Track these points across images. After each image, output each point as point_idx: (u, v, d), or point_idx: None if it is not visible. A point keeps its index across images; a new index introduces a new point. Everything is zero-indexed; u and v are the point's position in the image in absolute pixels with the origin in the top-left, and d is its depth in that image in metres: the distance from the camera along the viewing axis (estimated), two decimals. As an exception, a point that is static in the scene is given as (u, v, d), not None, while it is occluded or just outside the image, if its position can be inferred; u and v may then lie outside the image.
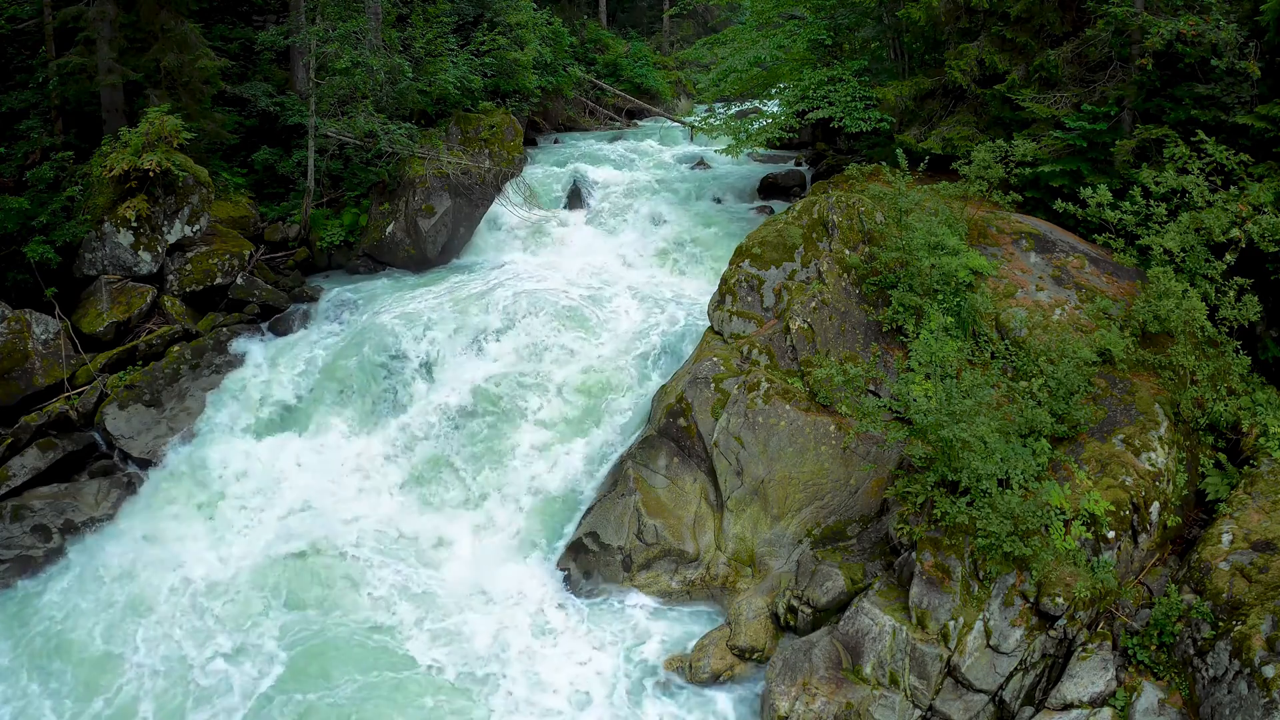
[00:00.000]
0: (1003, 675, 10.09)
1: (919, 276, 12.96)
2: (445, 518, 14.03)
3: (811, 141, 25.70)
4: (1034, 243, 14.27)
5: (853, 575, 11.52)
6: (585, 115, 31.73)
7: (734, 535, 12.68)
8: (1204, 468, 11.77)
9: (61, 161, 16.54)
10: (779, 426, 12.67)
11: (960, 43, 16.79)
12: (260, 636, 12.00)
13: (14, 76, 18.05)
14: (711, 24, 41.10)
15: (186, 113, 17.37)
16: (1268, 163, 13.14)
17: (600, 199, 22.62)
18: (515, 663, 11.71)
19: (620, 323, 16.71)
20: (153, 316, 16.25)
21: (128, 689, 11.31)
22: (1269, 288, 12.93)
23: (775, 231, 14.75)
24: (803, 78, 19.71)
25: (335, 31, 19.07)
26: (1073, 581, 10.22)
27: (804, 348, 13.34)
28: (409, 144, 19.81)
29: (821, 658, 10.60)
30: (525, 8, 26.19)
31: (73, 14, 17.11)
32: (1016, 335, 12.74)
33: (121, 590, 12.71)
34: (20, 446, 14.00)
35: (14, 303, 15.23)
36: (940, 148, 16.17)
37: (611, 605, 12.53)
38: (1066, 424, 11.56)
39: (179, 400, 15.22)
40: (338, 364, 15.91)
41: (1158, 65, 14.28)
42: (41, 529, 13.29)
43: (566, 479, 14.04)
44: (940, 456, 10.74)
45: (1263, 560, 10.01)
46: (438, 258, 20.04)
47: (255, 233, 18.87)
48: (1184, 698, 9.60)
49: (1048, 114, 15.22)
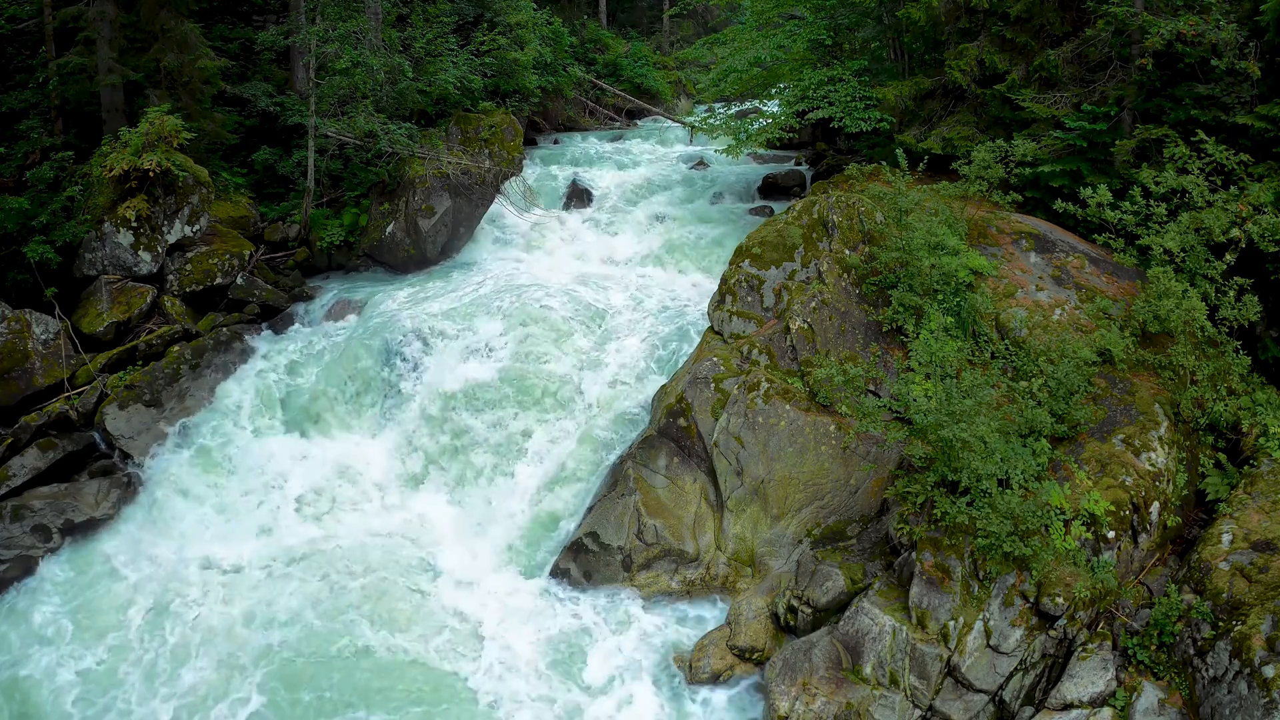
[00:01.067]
0: (1003, 675, 10.09)
1: (919, 276, 12.96)
2: (444, 518, 14.03)
3: (811, 141, 25.69)
4: (1034, 243, 14.27)
5: (853, 575, 11.52)
6: (585, 115, 31.73)
7: (734, 535, 12.69)
8: (1204, 468, 11.77)
9: (61, 161, 16.54)
10: (779, 426, 12.67)
11: (960, 43, 16.79)
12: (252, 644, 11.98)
13: (14, 76, 18.05)
14: (711, 24, 41.08)
15: (186, 113, 17.38)
16: (1268, 163, 13.14)
17: (600, 199, 22.64)
18: (514, 663, 11.71)
19: (620, 322, 16.72)
20: (153, 316, 16.25)
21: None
22: (1269, 288, 12.93)
23: (775, 231, 14.75)
24: (803, 78, 19.71)
25: (335, 31, 19.07)
26: (1073, 581, 10.22)
27: (804, 348, 13.34)
28: (409, 144, 19.81)
29: (821, 658, 10.60)
30: (525, 8, 26.19)
31: (73, 14, 17.11)
32: (1016, 335, 12.74)
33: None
34: (20, 446, 14.00)
35: (14, 303, 15.23)
36: (940, 148, 16.17)
37: (611, 605, 12.53)
38: (1066, 424, 11.56)
39: (179, 400, 15.23)
40: (337, 364, 15.91)
41: (1158, 65, 14.28)
42: (41, 529, 13.30)
43: (565, 478, 14.03)
44: (940, 456, 10.75)
45: (1263, 560, 10.01)
46: (438, 258, 20.05)
47: (255, 233, 18.87)
48: (1184, 698, 9.60)
49: (1048, 114, 15.22)
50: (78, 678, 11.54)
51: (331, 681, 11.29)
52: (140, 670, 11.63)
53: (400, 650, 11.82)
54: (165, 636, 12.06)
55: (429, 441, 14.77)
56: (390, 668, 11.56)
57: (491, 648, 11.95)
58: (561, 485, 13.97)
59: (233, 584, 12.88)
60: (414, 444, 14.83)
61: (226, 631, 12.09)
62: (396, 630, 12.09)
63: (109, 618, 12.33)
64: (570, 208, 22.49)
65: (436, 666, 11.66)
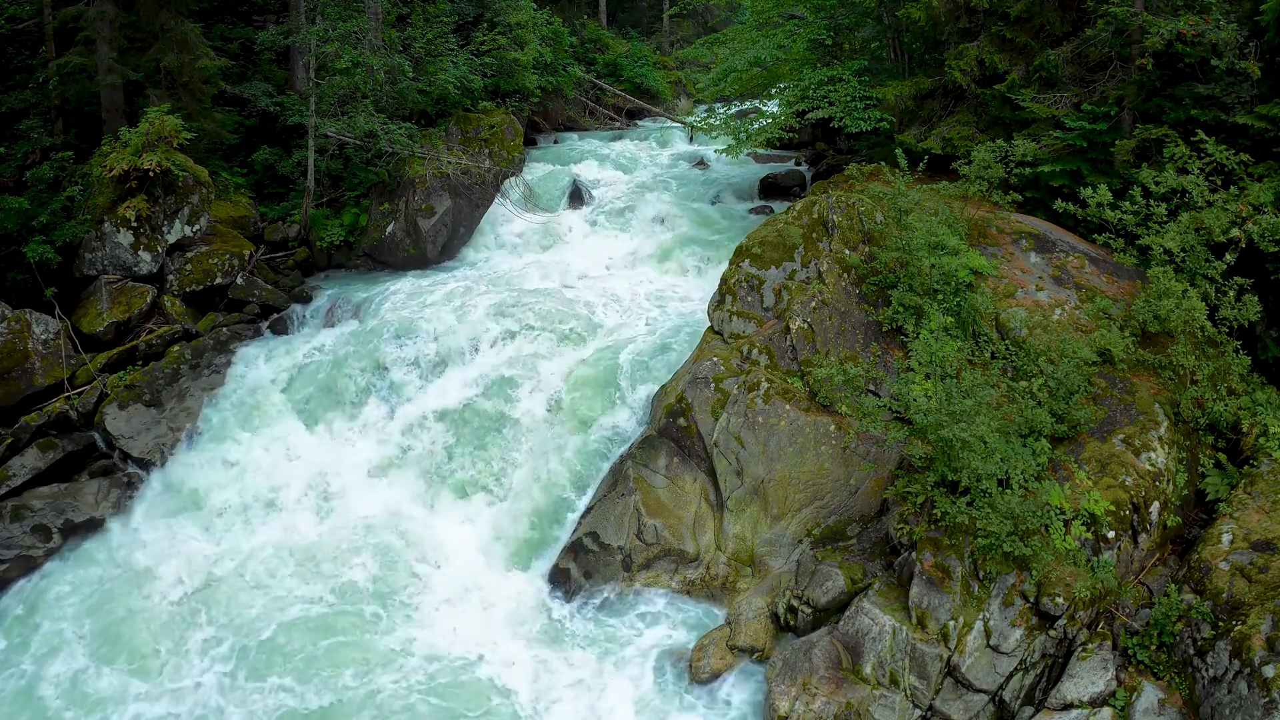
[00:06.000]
0: (1003, 675, 10.09)
1: (919, 276, 12.96)
2: (443, 517, 14.04)
3: (811, 141, 25.70)
4: (1034, 243, 14.27)
5: (853, 575, 11.52)
6: (585, 115, 31.73)
7: (734, 535, 12.69)
8: (1204, 468, 11.77)
9: (61, 161, 16.54)
10: (779, 426, 12.67)
11: (960, 43, 16.78)
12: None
13: (14, 76, 18.05)
14: (711, 24, 41.07)
15: (186, 113, 17.37)
16: (1268, 163, 13.13)
17: (600, 199, 22.63)
18: (513, 663, 11.72)
19: (620, 322, 16.71)
20: (153, 316, 16.25)
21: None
22: (1269, 288, 12.93)
23: (775, 231, 14.75)
24: (803, 78, 19.70)
25: (335, 31, 19.07)
26: (1073, 581, 10.22)
27: (804, 348, 13.34)
28: (409, 144, 19.82)
29: (821, 657, 10.60)
30: (525, 8, 26.18)
31: (73, 14, 17.10)
32: (1016, 335, 12.74)
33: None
34: (20, 446, 14.00)
35: (14, 303, 15.22)
36: (940, 148, 16.16)
37: (611, 605, 12.53)
38: (1066, 424, 11.55)
39: (179, 400, 15.23)
40: (336, 364, 15.91)
41: (1158, 65, 14.28)
42: (41, 529, 13.30)
43: (564, 479, 14.03)
44: (940, 456, 10.74)
45: (1263, 560, 10.01)
46: (438, 257, 20.05)
47: (255, 233, 18.87)
48: (1184, 698, 9.60)
49: (1048, 114, 15.21)
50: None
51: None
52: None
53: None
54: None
55: (427, 441, 14.76)
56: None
57: (491, 648, 11.97)
58: (558, 484, 13.95)
59: (233, 580, 12.91)
60: (414, 444, 14.81)
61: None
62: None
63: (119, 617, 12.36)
64: (570, 208, 22.49)
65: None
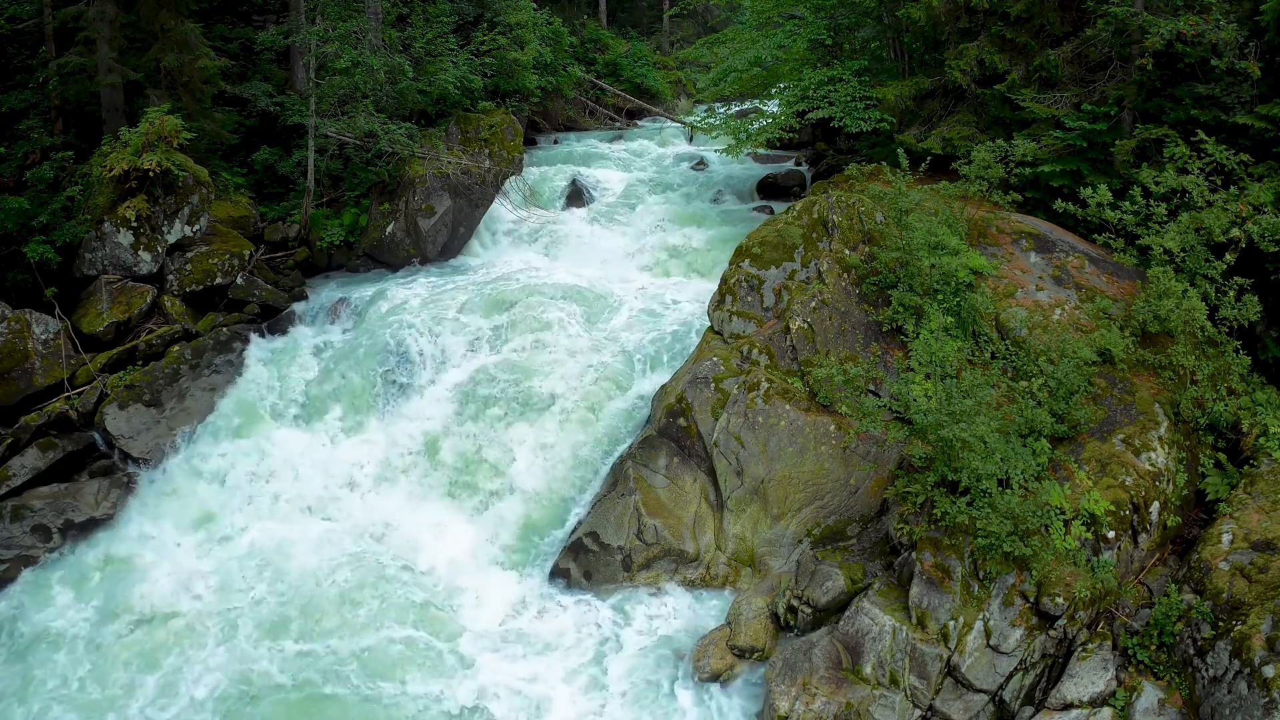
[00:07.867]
0: (1003, 675, 10.09)
1: (919, 276, 12.96)
2: (442, 517, 14.02)
3: (811, 141, 25.72)
4: (1034, 243, 14.27)
5: (853, 575, 11.52)
6: (585, 115, 31.76)
7: (734, 535, 12.69)
8: (1204, 468, 11.77)
9: (61, 161, 16.53)
10: (779, 426, 12.67)
11: (960, 43, 16.78)
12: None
13: (14, 76, 18.04)
14: (711, 24, 41.10)
15: (186, 113, 17.36)
16: (1268, 163, 13.13)
17: (600, 199, 22.65)
18: (513, 663, 11.72)
19: (619, 322, 16.71)
20: (153, 316, 16.25)
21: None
22: (1269, 288, 12.93)
23: (775, 231, 14.75)
24: (803, 78, 19.72)
25: (335, 31, 19.05)
26: (1073, 581, 10.22)
27: (804, 348, 13.34)
28: (409, 144, 19.81)
29: (821, 657, 10.60)
30: (525, 8, 26.19)
31: (73, 14, 17.09)
32: (1016, 335, 12.74)
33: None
34: (20, 446, 13.99)
35: (14, 303, 15.22)
36: (940, 148, 16.16)
37: (611, 605, 12.53)
38: (1066, 424, 11.55)
39: (179, 400, 15.22)
40: (336, 364, 15.91)
41: (1158, 65, 14.28)
42: (41, 529, 13.30)
43: (564, 478, 14.03)
44: (940, 456, 10.74)
45: (1263, 560, 10.01)
46: (438, 257, 20.05)
47: (255, 233, 18.86)
48: (1184, 698, 9.60)
49: (1048, 114, 15.22)
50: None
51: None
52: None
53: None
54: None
55: (427, 440, 14.76)
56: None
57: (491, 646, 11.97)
58: (558, 485, 13.95)
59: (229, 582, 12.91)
60: (413, 444, 14.80)
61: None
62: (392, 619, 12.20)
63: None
64: (570, 207, 22.50)
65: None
